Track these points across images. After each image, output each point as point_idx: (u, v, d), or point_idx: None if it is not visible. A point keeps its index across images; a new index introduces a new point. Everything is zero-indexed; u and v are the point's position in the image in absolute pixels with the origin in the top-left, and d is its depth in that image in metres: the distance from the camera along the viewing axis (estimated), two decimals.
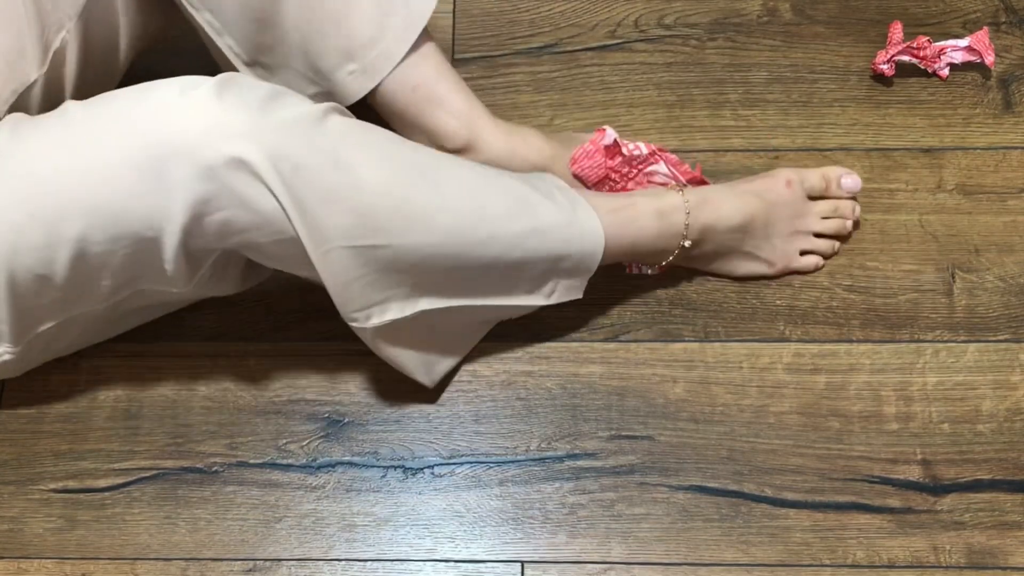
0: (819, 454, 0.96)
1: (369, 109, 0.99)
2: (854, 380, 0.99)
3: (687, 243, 0.95)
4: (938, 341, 1.00)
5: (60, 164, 0.79)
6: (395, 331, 0.90)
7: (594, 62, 1.16)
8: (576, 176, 1.03)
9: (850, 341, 1.00)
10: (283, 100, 0.81)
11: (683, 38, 1.17)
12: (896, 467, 0.95)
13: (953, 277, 1.03)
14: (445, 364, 0.97)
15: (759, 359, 1.00)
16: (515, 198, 0.89)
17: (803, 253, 1.02)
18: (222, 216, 0.80)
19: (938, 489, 0.94)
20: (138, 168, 0.77)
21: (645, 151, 1.02)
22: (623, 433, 0.97)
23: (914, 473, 0.95)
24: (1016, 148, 1.09)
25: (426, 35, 0.97)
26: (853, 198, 1.04)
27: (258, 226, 0.81)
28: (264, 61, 0.98)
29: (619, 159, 1.02)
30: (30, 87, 0.89)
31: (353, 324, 0.88)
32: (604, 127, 1.02)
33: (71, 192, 0.79)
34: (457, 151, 0.99)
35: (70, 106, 0.82)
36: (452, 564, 0.93)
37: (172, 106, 0.78)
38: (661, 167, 1.03)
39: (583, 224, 0.91)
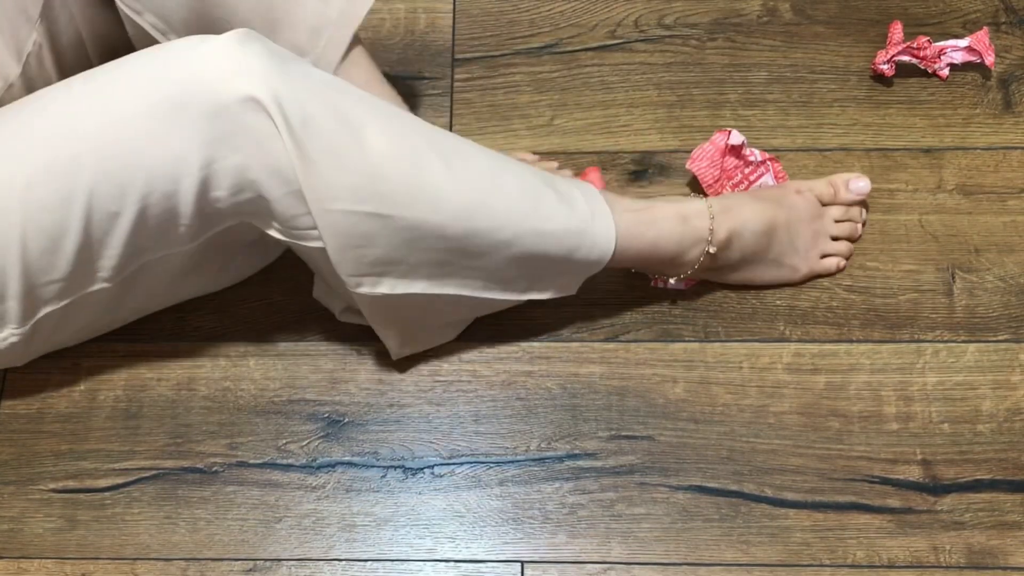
0: (819, 454, 0.96)
1: None
2: (854, 380, 0.99)
3: (713, 249, 0.95)
4: (938, 341, 1.00)
5: (76, 112, 0.80)
6: (385, 302, 0.89)
7: (594, 62, 1.16)
8: (695, 175, 1.04)
9: (850, 341, 1.00)
10: (298, 60, 0.83)
11: (683, 38, 1.17)
12: (896, 467, 0.95)
13: (953, 277, 1.03)
14: (421, 345, 0.98)
15: (759, 359, 1.00)
16: (531, 194, 0.88)
17: (823, 257, 1.03)
18: (236, 161, 0.80)
19: (938, 489, 0.94)
20: (155, 112, 0.78)
21: (759, 158, 1.03)
22: (623, 433, 0.97)
23: (914, 473, 0.95)
24: (1016, 148, 1.09)
25: (357, 42, 0.97)
26: (861, 202, 1.04)
27: (268, 173, 0.80)
28: None
29: (734, 161, 1.03)
30: (9, 88, 0.90)
31: (346, 288, 0.88)
32: (729, 129, 1.03)
33: (86, 140, 0.79)
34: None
35: (93, 69, 0.83)
36: (452, 564, 0.93)
37: (191, 52, 0.79)
38: (768, 179, 1.04)
39: (596, 231, 0.90)
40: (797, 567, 0.91)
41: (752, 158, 1.04)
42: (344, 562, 0.93)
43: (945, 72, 1.13)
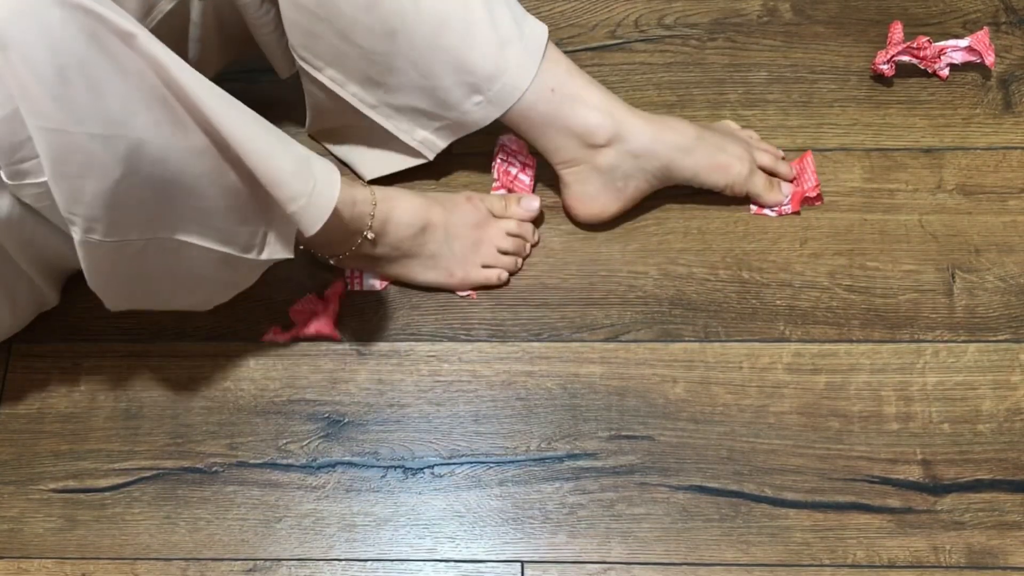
0: (819, 454, 0.96)
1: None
2: (854, 380, 0.99)
3: (370, 235, 0.95)
4: (938, 341, 1.00)
5: None
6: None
7: (594, 62, 1.16)
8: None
9: (850, 341, 1.00)
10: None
11: (683, 38, 1.17)
12: (896, 467, 0.95)
13: (953, 277, 1.03)
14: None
15: (759, 359, 1.00)
16: (269, 141, 0.84)
17: (486, 267, 1.03)
18: None
19: (938, 489, 0.94)
20: None
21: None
22: (623, 433, 0.97)
23: (914, 473, 0.95)
24: (1016, 148, 1.09)
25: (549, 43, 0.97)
26: (534, 220, 1.05)
27: None
28: (390, 102, 0.99)
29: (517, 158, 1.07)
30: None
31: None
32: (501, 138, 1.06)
33: None
34: (605, 144, 0.98)
35: None
36: (452, 564, 0.93)
37: None
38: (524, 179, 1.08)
39: (316, 190, 0.86)
40: (797, 567, 0.91)
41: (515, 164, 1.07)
42: (344, 562, 0.93)
43: (945, 72, 1.13)
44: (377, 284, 1.03)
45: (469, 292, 1.03)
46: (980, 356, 0.99)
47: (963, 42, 1.12)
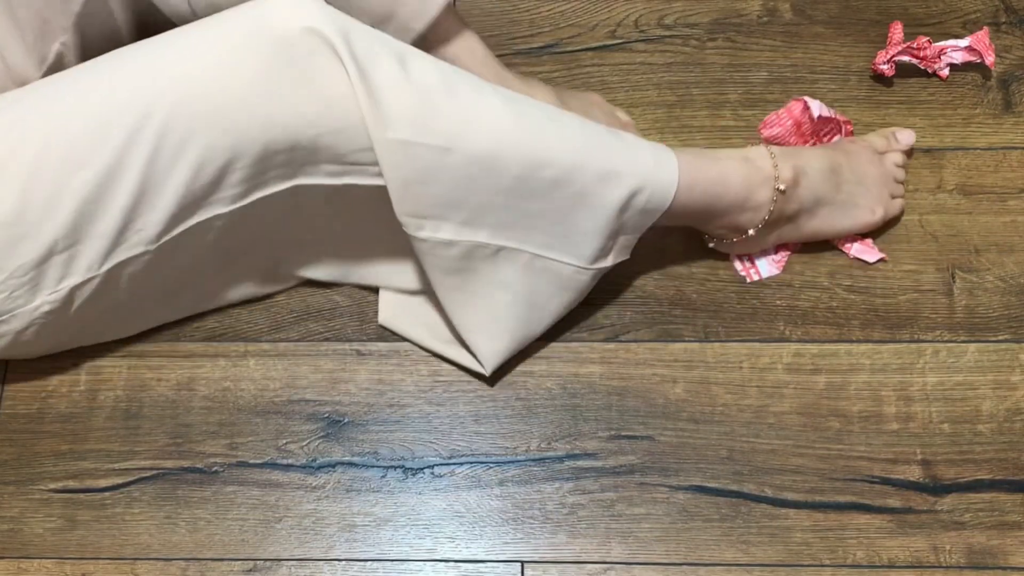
0: (819, 454, 0.96)
1: None
2: (854, 380, 0.99)
3: (782, 186, 0.94)
4: (938, 341, 1.00)
5: (157, 57, 0.84)
6: (457, 267, 0.90)
7: (594, 62, 1.16)
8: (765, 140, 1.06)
9: (850, 341, 1.00)
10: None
11: (683, 38, 1.17)
12: (896, 467, 0.95)
13: (953, 277, 1.03)
14: (507, 342, 0.95)
15: (759, 359, 1.00)
16: (591, 132, 0.89)
17: (892, 198, 1.04)
18: (299, 93, 0.82)
19: (938, 489, 0.94)
20: (225, 50, 0.82)
21: (834, 115, 1.06)
22: (623, 433, 0.97)
23: (914, 473, 0.95)
24: (1016, 148, 1.09)
25: (451, 15, 0.99)
26: (908, 153, 1.06)
27: (328, 104, 0.82)
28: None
29: (808, 126, 1.05)
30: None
31: (407, 230, 0.88)
32: (804, 97, 1.04)
33: (163, 82, 0.82)
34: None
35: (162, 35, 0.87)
36: (452, 564, 0.93)
37: (259, 8, 0.83)
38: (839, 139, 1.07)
39: (660, 166, 0.90)
40: (797, 567, 0.91)
41: (826, 114, 1.05)
42: (344, 562, 0.93)
43: (945, 72, 1.13)
44: (775, 268, 1.02)
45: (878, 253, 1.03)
46: (980, 356, 0.99)
47: (963, 42, 1.12)
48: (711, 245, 1.01)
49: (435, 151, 0.84)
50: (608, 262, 0.94)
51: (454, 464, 0.96)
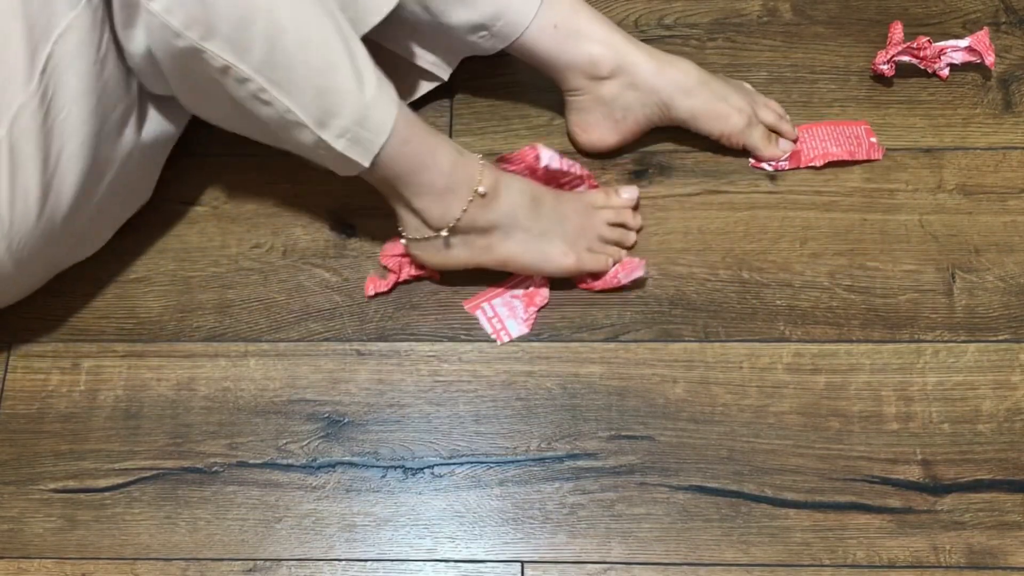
0: (819, 454, 0.96)
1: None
2: (854, 380, 0.99)
3: (481, 188, 0.94)
4: (938, 341, 1.00)
5: None
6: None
7: None
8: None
9: (850, 341, 1.00)
10: None
11: (683, 38, 1.17)
12: (896, 467, 0.95)
13: (953, 277, 1.03)
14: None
15: (759, 359, 1.00)
16: (344, 36, 0.88)
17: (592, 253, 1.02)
18: None
19: (938, 489, 0.94)
20: None
21: (577, 171, 1.04)
22: (623, 433, 0.97)
23: (914, 473, 0.95)
24: (1016, 148, 1.09)
25: None
26: (634, 208, 1.05)
27: None
28: (392, 35, 1.03)
29: (541, 172, 1.03)
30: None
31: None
32: (537, 145, 1.02)
33: None
34: (608, 76, 1.02)
35: None
36: (452, 564, 0.93)
37: None
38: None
39: (379, 102, 0.88)
40: (797, 567, 0.91)
41: (557, 166, 1.03)
42: (344, 562, 0.93)
43: (945, 72, 1.13)
44: (524, 327, 1.01)
45: (595, 284, 1.02)
46: (980, 356, 0.99)
47: (963, 42, 1.12)
48: (402, 241, 0.99)
49: None
50: (340, 146, 0.90)
51: (454, 464, 0.96)
